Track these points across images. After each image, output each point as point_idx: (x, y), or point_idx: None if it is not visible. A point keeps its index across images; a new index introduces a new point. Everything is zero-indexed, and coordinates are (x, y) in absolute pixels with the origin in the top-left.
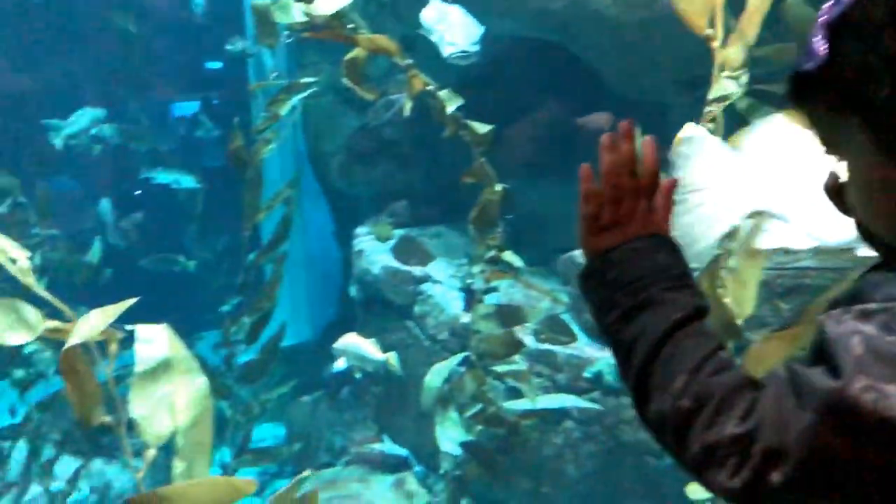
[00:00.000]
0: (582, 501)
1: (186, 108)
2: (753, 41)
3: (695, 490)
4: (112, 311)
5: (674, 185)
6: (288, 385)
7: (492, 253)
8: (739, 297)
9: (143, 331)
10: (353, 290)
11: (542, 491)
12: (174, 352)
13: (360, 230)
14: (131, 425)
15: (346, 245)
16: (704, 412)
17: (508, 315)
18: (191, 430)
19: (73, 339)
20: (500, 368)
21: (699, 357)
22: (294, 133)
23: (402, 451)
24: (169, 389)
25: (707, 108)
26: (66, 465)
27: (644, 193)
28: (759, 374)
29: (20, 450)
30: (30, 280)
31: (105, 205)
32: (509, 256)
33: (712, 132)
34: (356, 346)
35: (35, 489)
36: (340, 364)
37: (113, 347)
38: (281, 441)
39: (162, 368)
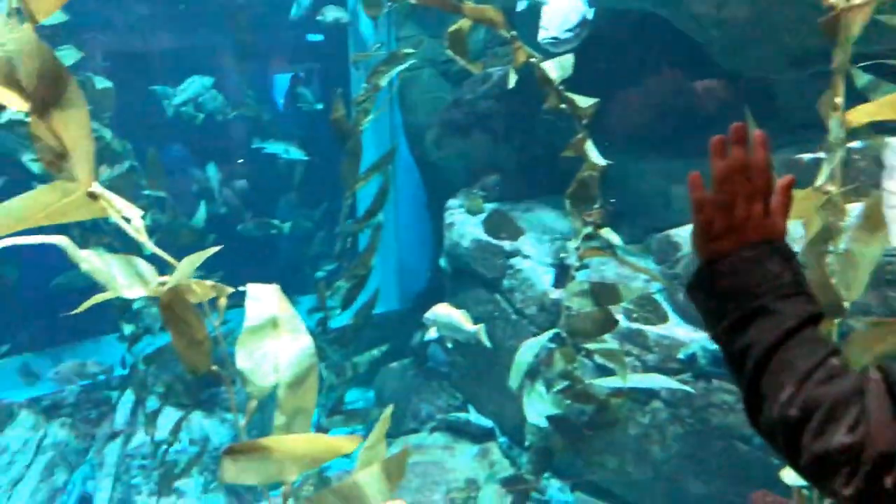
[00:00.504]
0: (666, 482)
1: (287, 79)
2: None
3: (789, 475)
4: (199, 257)
5: (790, 183)
6: (379, 350)
7: (588, 230)
8: (849, 279)
9: (253, 289)
10: (443, 262)
11: (626, 469)
12: (282, 311)
13: (451, 203)
14: (235, 381)
15: (438, 217)
16: (813, 422)
17: (603, 293)
18: (294, 387)
19: (173, 280)
20: (591, 346)
21: (809, 366)
22: (390, 105)
23: (487, 422)
24: (274, 346)
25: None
26: (169, 417)
27: (759, 196)
28: (858, 362)
29: (127, 400)
30: (143, 238)
31: (211, 170)
32: (608, 233)
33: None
34: (447, 316)
35: (139, 438)
36: (432, 333)
37: (222, 302)
38: (371, 404)
39: (270, 325)
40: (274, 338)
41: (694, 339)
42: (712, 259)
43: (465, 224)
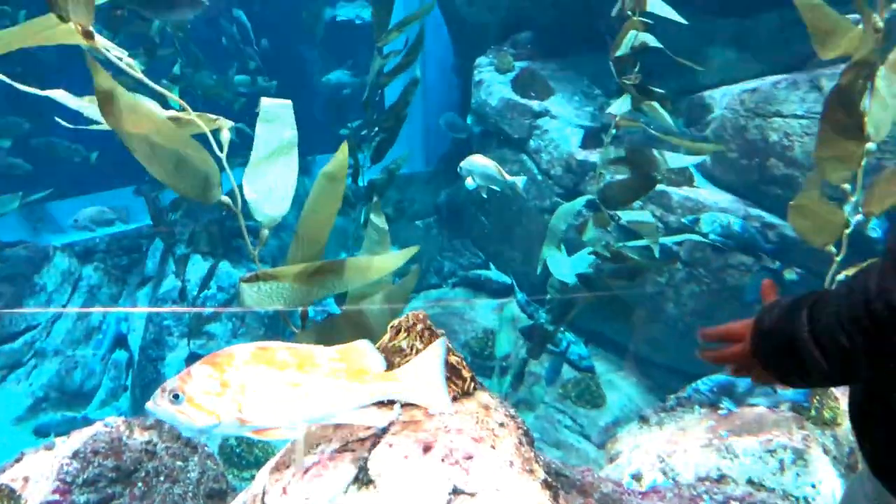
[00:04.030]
0: (678, 339)
1: None
2: None
3: None
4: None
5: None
6: (406, 209)
7: (628, 98)
8: (879, 120)
9: (267, 106)
10: (470, 121)
11: (638, 325)
12: (290, 139)
13: (481, 60)
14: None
15: (466, 77)
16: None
17: (639, 160)
18: (306, 218)
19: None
20: (624, 216)
21: (832, 308)
22: None
23: (507, 279)
24: (282, 175)
25: None
26: (197, 265)
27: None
28: (878, 207)
29: (156, 248)
30: (137, 74)
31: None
32: (652, 110)
33: None
34: (484, 166)
35: (170, 282)
36: (469, 182)
37: (225, 134)
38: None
39: (277, 153)
40: (282, 167)
41: (716, 200)
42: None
43: (493, 82)
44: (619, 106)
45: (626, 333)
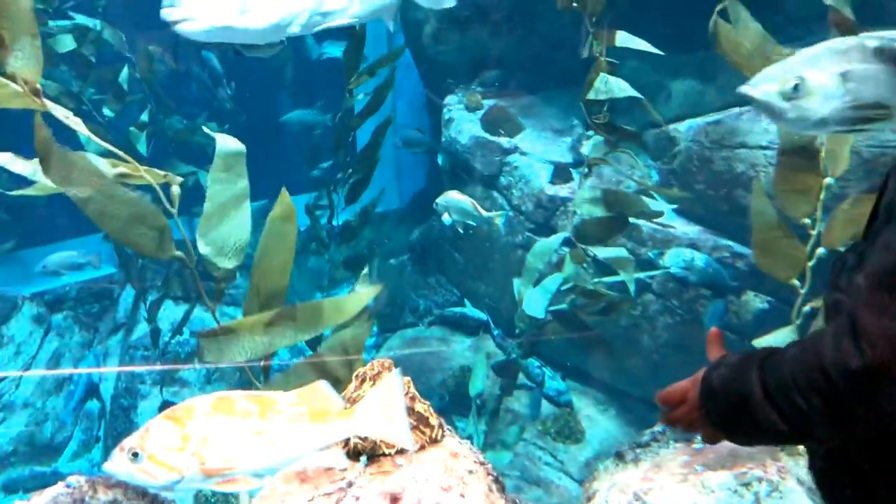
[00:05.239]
0: (654, 371)
1: None
2: None
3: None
4: None
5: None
6: (380, 248)
7: (592, 136)
8: (836, 154)
9: (221, 141)
10: (441, 159)
11: (616, 359)
12: (242, 190)
13: (450, 99)
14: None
15: (436, 115)
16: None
17: (616, 201)
18: (264, 268)
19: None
20: (601, 254)
21: (786, 368)
22: None
23: (482, 315)
24: (235, 227)
25: None
26: (168, 311)
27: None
28: (839, 240)
29: (127, 295)
30: (84, 131)
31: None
32: (626, 154)
33: None
34: (460, 202)
35: (141, 329)
36: (446, 218)
37: (174, 190)
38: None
39: (230, 205)
40: (235, 218)
41: (686, 232)
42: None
43: (463, 120)
44: (591, 146)
45: (604, 367)
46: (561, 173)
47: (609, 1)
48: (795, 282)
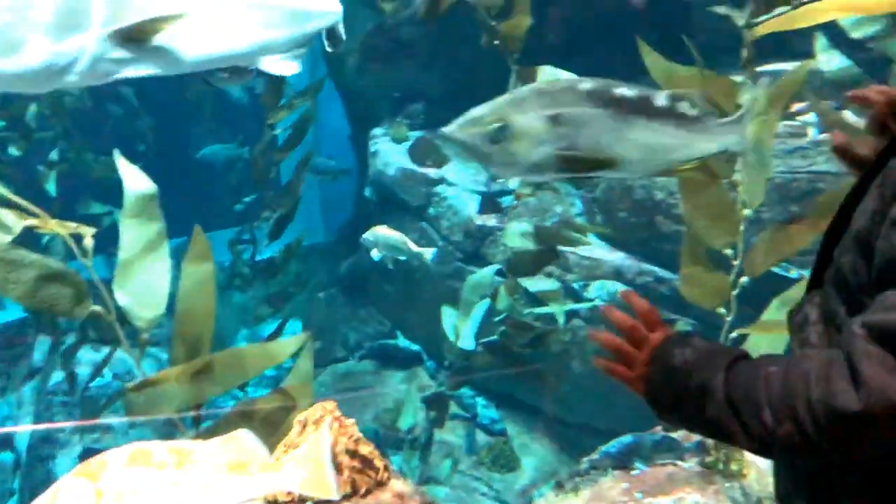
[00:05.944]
0: (586, 396)
1: None
2: None
3: None
4: None
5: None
6: (307, 282)
7: None
8: (752, 188)
9: (127, 173)
10: (368, 191)
11: (546, 385)
12: (159, 236)
13: (376, 131)
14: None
15: (362, 147)
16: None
17: (546, 235)
18: (186, 314)
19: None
20: (532, 287)
21: (760, 382)
22: None
23: (415, 347)
24: (154, 277)
25: None
26: (86, 355)
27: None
28: (760, 269)
29: (43, 340)
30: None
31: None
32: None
33: None
34: (388, 237)
35: (58, 376)
36: (375, 254)
37: (87, 241)
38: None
39: (146, 254)
40: (153, 263)
41: (611, 259)
42: (648, 383)
43: (389, 152)
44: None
45: (536, 394)
46: (488, 203)
47: (534, 38)
48: (722, 310)
